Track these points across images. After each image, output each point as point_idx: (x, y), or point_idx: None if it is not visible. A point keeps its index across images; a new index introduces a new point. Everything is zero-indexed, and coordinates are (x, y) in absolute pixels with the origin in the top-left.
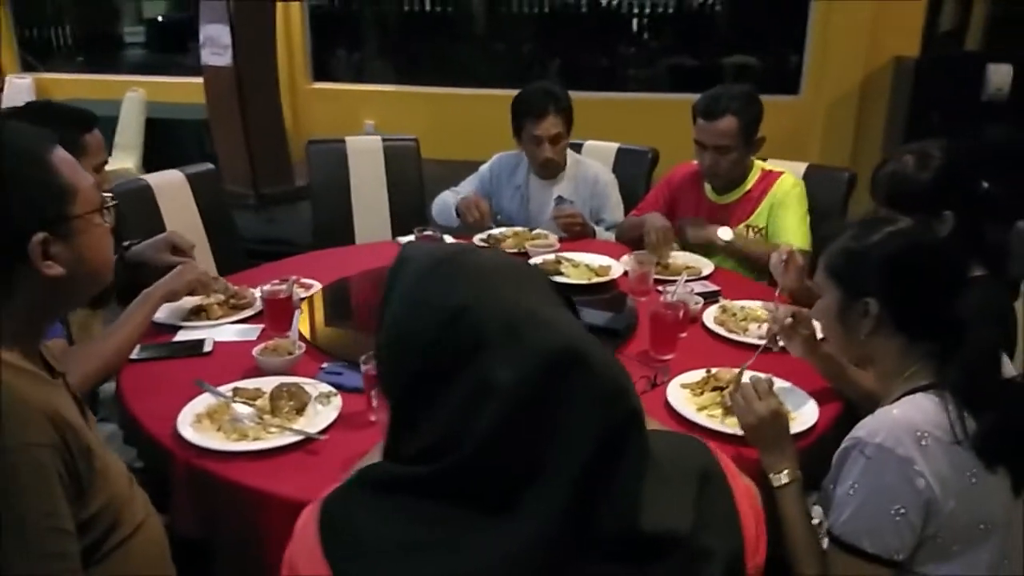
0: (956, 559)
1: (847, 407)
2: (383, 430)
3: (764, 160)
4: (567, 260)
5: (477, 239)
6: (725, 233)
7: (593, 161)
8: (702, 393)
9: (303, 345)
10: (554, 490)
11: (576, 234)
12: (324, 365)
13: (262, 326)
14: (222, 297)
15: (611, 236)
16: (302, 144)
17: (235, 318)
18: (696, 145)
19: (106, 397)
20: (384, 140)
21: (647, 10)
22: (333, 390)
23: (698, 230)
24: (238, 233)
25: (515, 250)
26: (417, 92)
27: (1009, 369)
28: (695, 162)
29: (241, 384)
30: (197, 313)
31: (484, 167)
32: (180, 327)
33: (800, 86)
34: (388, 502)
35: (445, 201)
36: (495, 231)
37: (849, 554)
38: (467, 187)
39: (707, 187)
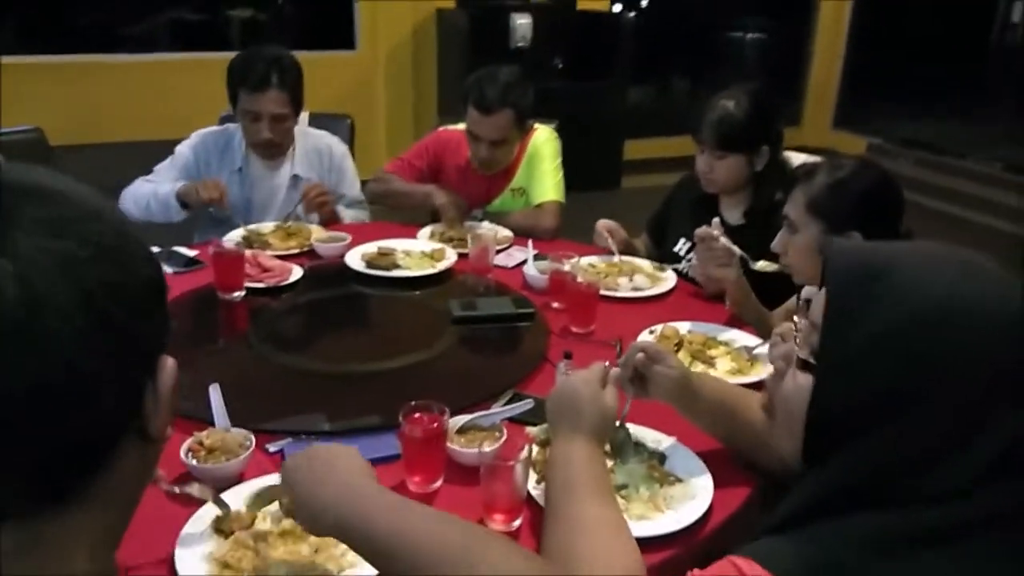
0: None
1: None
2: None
3: None
4: (393, 250)
5: (230, 241)
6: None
7: (320, 131)
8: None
9: (249, 433)
10: None
11: (329, 216)
12: (271, 448)
13: None
14: None
15: (356, 214)
16: None
17: None
18: (468, 135)
19: None
20: None
21: None
22: None
23: None
24: None
25: (297, 249)
26: None
27: None
28: (457, 128)
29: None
30: None
31: (182, 148)
32: None
33: (355, 41)
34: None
35: (153, 192)
36: (253, 227)
37: None
38: (165, 176)
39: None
